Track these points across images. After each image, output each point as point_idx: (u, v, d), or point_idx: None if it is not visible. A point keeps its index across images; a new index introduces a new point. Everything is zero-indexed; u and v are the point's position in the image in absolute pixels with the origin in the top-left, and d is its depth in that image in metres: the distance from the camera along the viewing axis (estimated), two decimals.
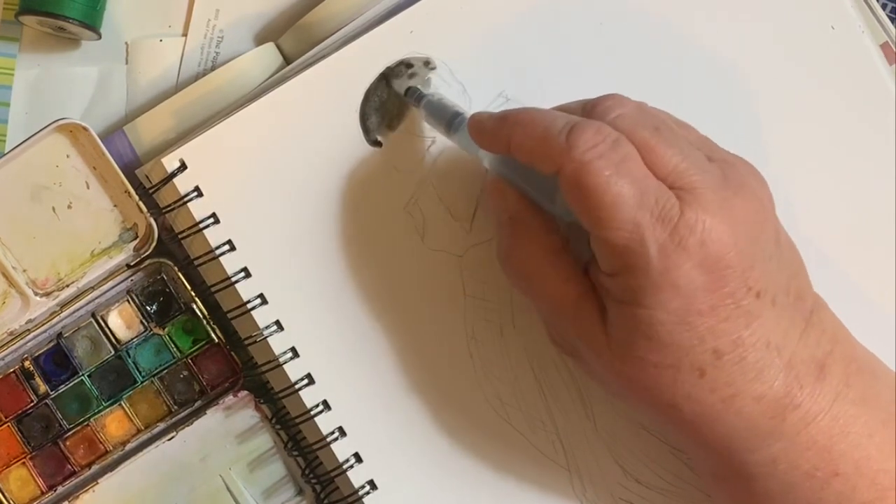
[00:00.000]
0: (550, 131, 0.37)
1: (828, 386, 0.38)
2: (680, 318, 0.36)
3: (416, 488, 0.47)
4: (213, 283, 0.46)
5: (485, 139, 0.40)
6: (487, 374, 0.47)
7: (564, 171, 0.36)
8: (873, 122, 0.47)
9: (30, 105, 0.50)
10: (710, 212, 0.36)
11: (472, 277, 0.46)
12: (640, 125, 0.37)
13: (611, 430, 0.47)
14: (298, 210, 0.46)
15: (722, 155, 0.39)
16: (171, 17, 0.50)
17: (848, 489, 0.38)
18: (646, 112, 0.39)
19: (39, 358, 0.48)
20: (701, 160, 0.37)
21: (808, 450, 0.38)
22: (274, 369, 0.46)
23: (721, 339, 0.36)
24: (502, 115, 0.39)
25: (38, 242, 0.47)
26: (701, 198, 0.36)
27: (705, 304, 0.36)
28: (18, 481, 0.48)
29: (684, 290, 0.36)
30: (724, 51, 0.47)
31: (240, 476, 0.49)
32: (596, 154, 0.36)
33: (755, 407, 0.37)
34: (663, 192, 0.36)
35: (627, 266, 0.36)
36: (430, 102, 0.44)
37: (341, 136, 0.46)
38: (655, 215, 0.35)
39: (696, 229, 0.35)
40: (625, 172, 0.36)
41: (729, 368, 0.36)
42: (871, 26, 0.47)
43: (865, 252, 0.47)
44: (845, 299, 0.41)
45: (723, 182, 0.37)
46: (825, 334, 0.39)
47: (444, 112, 0.43)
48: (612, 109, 0.38)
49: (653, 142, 0.37)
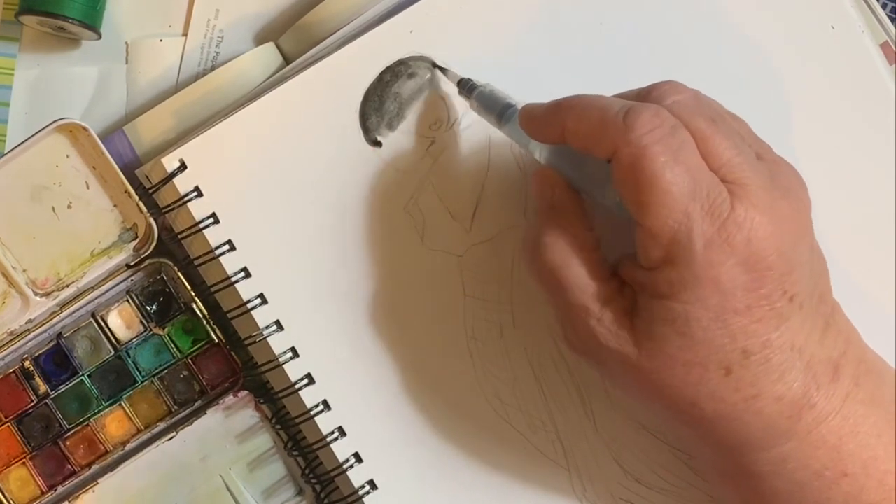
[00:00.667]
0: (607, 114, 0.36)
1: (840, 386, 0.38)
2: (716, 315, 0.36)
3: (416, 488, 0.47)
4: (213, 283, 0.46)
5: (537, 128, 0.40)
6: (487, 374, 0.47)
7: (620, 155, 0.36)
8: (873, 122, 0.47)
9: (30, 105, 0.50)
10: (760, 210, 0.36)
11: (472, 277, 0.46)
12: (697, 113, 0.37)
13: (611, 429, 0.47)
14: (298, 210, 0.46)
15: (770, 155, 0.39)
16: (171, 17, 0.50)
17: (856, 489, 0.38)
18: (702, 101, 0.38)
19: (39, 358, 0.48)
20: (752, 157, 0.37)
21: (818, 449, 0.38)
22: (274, 369, 0.46)
23: (751, 340, 0.36)
24: (555, 102, 0.39)
25: (37, 242, 0.47)
26: (752, 195, 0.36)
27: (742, 303, 0.36)
28: (18, 481, 0.48)
29: (725, 286, 0.35)
30: (724, 50, 0.47)
31: (240, 476, 0.49)
32: (654, 139, 0.35)
33: (774, 407, 0.37)
34: (716, 184, 0.36)
35: (671, 258, 0.36)
36: (483, 94, 0.43)
37: (341, 136, 0.46)
38: (706, 208, 0.35)
39: (745, 226, 0.35)
40: (681, 160, 0.35)
41: (755, 369, 0.36)
42: (870, 26, 0.47)
43: (865, 252, 0.47)
44: (845, 299, 0.41)
45: (771, 182, 0.37)
46: (840, 335, 0.39)
47: (495, 103, 0.43)
48: (668, 94, 0.38)
49: (709, 132, 0.36)
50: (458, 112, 0.46)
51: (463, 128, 0.46)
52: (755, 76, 0.47)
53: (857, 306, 0.41)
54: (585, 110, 0.37)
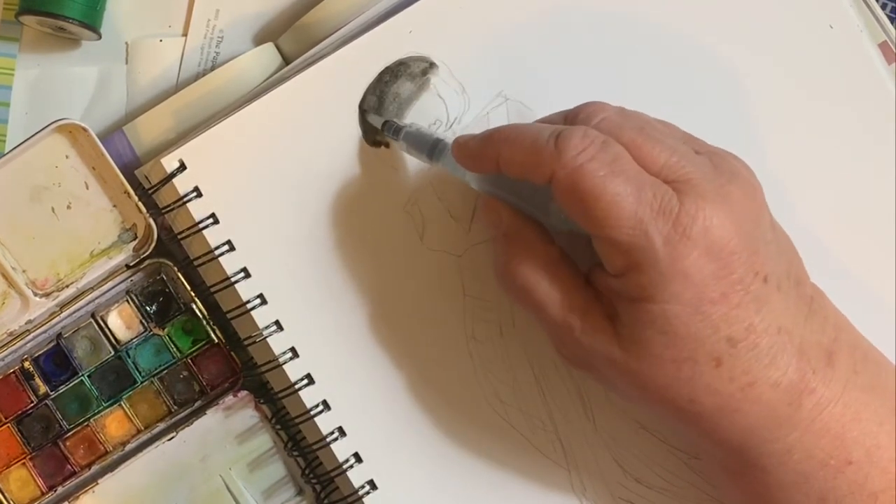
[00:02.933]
0: (538, 142, 0.37)
1: (838, 372, 0.38)
2: (694, 308, 0.36)
3: (416, 488, 0.47)
4: (213, 283, 0.46)
5: (471, 160, 0.40)
6: (487, 373, 0.47)
7: (558, 178, 0.36)
8: (872, 121, 0.47)
9: (30, 105, 0.50)
10: (709, 199, 0.36)
11: (471, 277, 0.46)
12: (625, 126, 0.38)
13: (610, 429, 0.47)
14: (298, 210, 0.46)
15: (708, 148, 0.39)
16: (171, 17, 0.50)
17: (860, 478, 0.38)
18: (628, 114, 0.39)
19: (39, 358, 0.48)
20: (689, 154, 0.38)
21: (821, 437, 0.38)
22: (274, 369, 0.46)
23: (734, 327, 0.36)
24: (486, 135, 0.40)
25: (37, 243, 0.47)
26: (697, 187, 0.36)
27: (716, 291, 0.36)
28: (18, 482, 0.48)
29: (694, 278, 0.36)
30: (723, 49, 0.47)
31: (240, 476, 0.49)
32: (587, 157, 0.36)
33: (773, 394, 0.37)
34: (659, 186, 0.36)
35: (635, 263, 0.36)
36: (409, 133, 0.44)
37: (340, 136, 0.46)
38: (655, 209, 0.36)
39: (698, 217, 0.36)
40: (618, 171, 0.36)
41: (744, 356, 0.37)
42: (869, 25, 0.47)
43: (865, 251, 0.47)
44: (846, 298, 0.41)
45: (715, 172, 0.37)
46: (828, 321, 0.39)
47: (424, 140, 0.43)
48: (594, 115, 0.39)
49: (639, 140, 0.37)
50: (457, 112, 0.46)
51: (462, 127, 0.46)
52: (754, 75, 0.47)
53: (857, 306, 0.41)
54: (516, 140, 0.38)
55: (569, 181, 0.36)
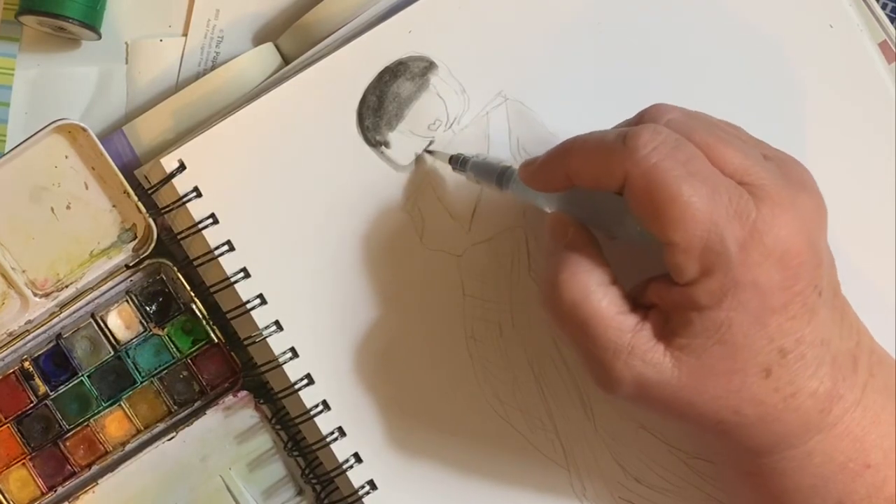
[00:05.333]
0: (606, 144, 0.36)
1: (860, 377, 0.38)
2: (756, 317, 0.35)
3: (415, 488, 0.47)
4: (213, 283, 0.46)
5: (540, 180, 0.39)
6: (487, 373, 0.47)
7: (632, 180, 0.35)
8: (872, 121, 0.47)
9: (30, 105, 0.50)
10: (784, 207, 0.35)
11: (471, 277, 0.46)
12: (695, 127, 0.37)
13: (611, 429, 0.47)
14: (297, 210, 0.46)
15: (775, 152, 0.39)
16: (171, 17, 0.50)
17: (878, 481, 0.38)
18: (695, 115, 0.38)
19: (39, 359, 0.48)
20: (760, 158, 0.37)
21: (842, 440, 0.38)
22: (274, 369, 0.46)
23: (787, 338, 0.36)
24: (551, 151, 0.39)
25: (36, 243, 0.47)
26: (773, 194, 0.35)
27: (779, 301, 0.35)
28: (18, 482, 0.48)
29: (763, 287, 0.35)
30: (723, 49, 0.47)
31: (240, 476, 0.49)
32: (661, 155, 0.35)
33: (810, 403, 0.37)
34: (735, 188, 0.35)
35: (707, 268, 0.35)
36: (476, 164, 0.43)
37: (340, 136, 0.46)
38: (731, 212, 0.35)
39: (774, 225, 0.35)
40: (694, 171, 0.35)
41: (792, 366, 0.36)
42: (869, 25, 0.47)
43: (865, 251, 0.47)
44: (847, 298, 0.41)
45: (785, 179, 0.36)
46: (853, 327, 0.39)
47: (491, 169, 0.43)
48: (661, 115, 0.37)
49: (711, 141, 0.36)
50: (457, 112, 0.46)
51: (462, 127, 0.46)
52: (753, 74, 0.47)
53: (857, 305, 0.41)
54: (583, 148, 0.37)
55: (643, 181, 0.35)
